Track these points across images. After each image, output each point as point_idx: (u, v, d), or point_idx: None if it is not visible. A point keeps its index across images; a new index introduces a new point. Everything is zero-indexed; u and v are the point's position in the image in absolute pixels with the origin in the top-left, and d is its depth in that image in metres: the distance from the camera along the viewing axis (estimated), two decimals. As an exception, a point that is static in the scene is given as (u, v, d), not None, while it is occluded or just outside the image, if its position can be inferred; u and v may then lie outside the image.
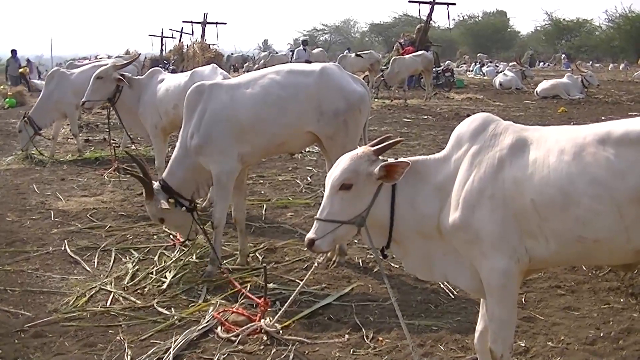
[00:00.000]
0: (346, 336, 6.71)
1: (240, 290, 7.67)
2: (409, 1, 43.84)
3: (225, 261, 8.79)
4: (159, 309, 7.43)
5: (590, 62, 75.14)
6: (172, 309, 7.44)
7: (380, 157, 4.94)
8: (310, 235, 4.89)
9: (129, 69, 19.75)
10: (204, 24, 50.33)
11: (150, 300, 7.69)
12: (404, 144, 17.94)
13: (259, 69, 10.44)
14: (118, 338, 6.76)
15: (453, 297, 7.64)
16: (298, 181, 13.89)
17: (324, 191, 5.01)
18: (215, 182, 8.24)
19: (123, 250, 9.45)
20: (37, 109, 17.22)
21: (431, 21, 45.52)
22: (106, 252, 9.44)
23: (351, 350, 6.43)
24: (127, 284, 8.20)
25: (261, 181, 14.03)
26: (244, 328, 6.70)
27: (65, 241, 9.84)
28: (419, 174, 4.87)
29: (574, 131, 4.63)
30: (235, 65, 63.08)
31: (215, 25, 52.53)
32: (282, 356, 6.29)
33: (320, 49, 58.22)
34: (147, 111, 11.73)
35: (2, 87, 38.29)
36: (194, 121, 8.19)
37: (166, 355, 6.29)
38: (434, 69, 36.45)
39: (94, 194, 13.11)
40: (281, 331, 6.73)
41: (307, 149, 16.29)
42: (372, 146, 5.03)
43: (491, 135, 4.76)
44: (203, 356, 6.37)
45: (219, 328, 6.84)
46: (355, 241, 9.18)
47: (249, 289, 7.85)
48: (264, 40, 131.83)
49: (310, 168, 15.21)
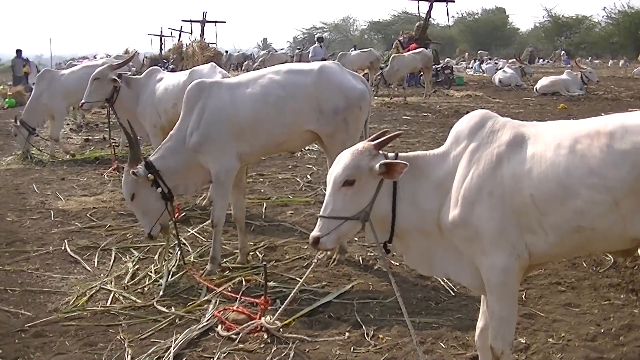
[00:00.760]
0: (347, 334, 6.71)
1: (212, 288, 7.75)
2: (408, -2, 43.87)
3: (225, 259, 8.81)
4: (159, 308, 7.42)
5: (590, 59, 75.18)
6: (173, 308, 7.43)
7: (380, 152, 4.94)
8: (315, 233, 4.89)
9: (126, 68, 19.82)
10: (203, 22, 50.37)
11: (150, 299, 7.68)
12: (403, 141, 17.97)
13: (259, 68, 10.43)
14: (118, 337, 6.76)
15: (453, 294, 7.64)
16: (298, 179, 13.89)
17: (324, 189, 5.02)
18: (214, 181, 8.22)
19: (123, 250, 9.45)
20: (28, 110, 17.24)
21: (430, 19, 45.45)
22: (106, 251, 9.44)
23: (352, 348, 6.42)
24: (127, 283, 8.19)
25: (261, 179, 14.03)
26: (244, 326, 6.68)
27: (65, 241, 9.84)
28: (419, 169, 4.89)
29: (570, 125, 4.65)
30: (235, 64, 63.03)
31: (214, 24, 52.64)
32: (283, 354, 6.28)
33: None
34: (145, 110, 11.74)
35: (1, 87, 38.24)
36: (193, 118, 8.17)
37: (167, 354, 6.28)
38: (433, 66, 36.41)
39: (94, 193, 13.11)
40: (281, 329, 6.73)
41: (307, 147, 16.29)
42: (372, 141, 5.02)
43: (489, 132, 4.76)
44: (203, 355, 6.36)
45: (220, 326, 6.82)
46: (356, 239, 9.18)
47: (245, 287, 7.86)
48: (264, 39, 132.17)
49: (310, 166, 15.21)
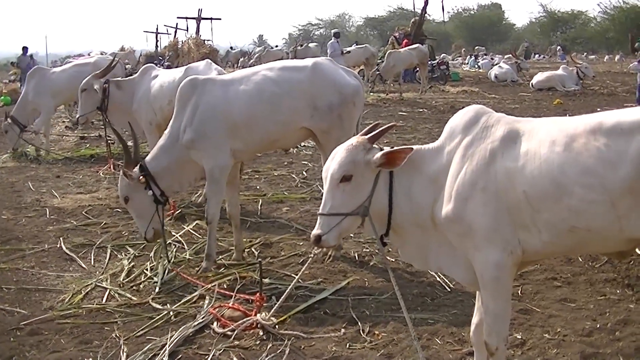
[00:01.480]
0: (342, 330, 6.70)
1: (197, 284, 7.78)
2: (404, -6, 43.84)
3: (221, 256, 8.81)
4: (155, 305, 7.42)
5: (586, 54, 75.15)
6: (168, 305, 7.42)
7: (375, 145, 4.94)
8: (316, 231, 4.89)
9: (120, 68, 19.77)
10: (198, 19, 50.25)
11: (146, 297, 7.68)
12: (399, 137, 17.99)
13: (254, 65, 10.42)
14: (114, 335, 6.75)
15: (449, 290, 7.64)
16: (294, 176, 13.88)
17: (320, 186, 5.02)
18: (208, 178, 8.21)
19: (118, 247, 9.45)
20: (18, 107, 17.26)
21: (426, 14, 45.52)
22: (102, 249, 9.45)
23: (347, 345, 6.42)
24: (123, 280, 8.18)
25: (257, 176, 14.03)
26: (239, 323, 6.68)
27: (61, 238, 9.85)
28: (414, 163, 4.87)
29: (565, 122, 4.63)
30: (232, 62, 62.94)
31: (210, 20, 52.58)
32: (278, 351, 6.27)
33: (315, 43, 58.22)
34: (141, 108, 11.75)
35: (-2, 84, 38.17)
36: (186, 115, 8.16)
37: (162, 351, 6.28)
38: (429, 62, 36.43)
39: (89, 191, 13.11)
40: (277, 326, 6.72)
41: (302, 144, 16.30)
42: (365, 135, 5.02)
43: (483, 128, 4.75)
44: (199, 352, 6.35)
45: (215, 323, 6.82)
46: (351, 235, 9.16)
47: (240, 284, 7.88)
48: (259, 36, 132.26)
49: (306, 162, 15.22)
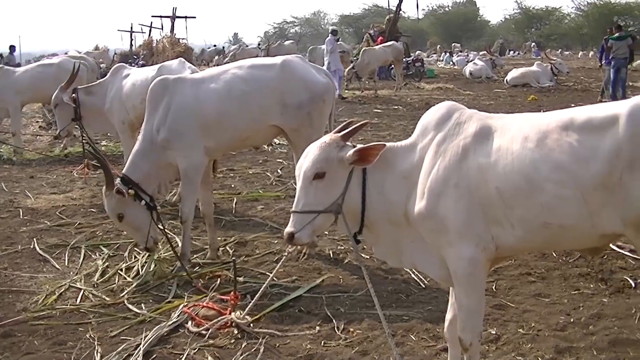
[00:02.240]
0: (317, 328, 6.71)
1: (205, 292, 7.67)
2: (379, -8, 43.92)
3: (195, 255, 8.78)
4: (129, 306, 7.38)
5: (560, 50, 75.59)
6: (143, 305, 7.40)
7: (348, 142, 4.93)
8: (289, 229, 4.87)
9: (89, 64, 19.69)
10: (173, 18, 50.21)
11: (120, 297, 7.64)
12: (374, 134, 18.00)
13: (229, 63, 10.39)
14: (88, 336, 6.71)
15: (424, 286, 7.66)
16: (268, 174, 13.89)
17: (294, 184, 5.01)
18: (182, 177, 8.19)
19: (93, 247, 9.38)
20: None
21: (400, 12, 45.62)
22: (76, 249, 9.37)
23: (322, 342, 6.42)
24: (97, 281, 8.14)
25: (231, 174, 14.02)
26: (214, 322, 6.67)
27: (35, 239, 9.76)
28: (387, 160, 4.86)
29: (537, 118, 4.64)
30: (206, 60, 62.86)
31: (184, 19, 52.51)
32: (253, 349, 6.26)
33: (291, 41, 58.26)
34: (113, 107, 11.76)
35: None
36: (158, 115, 8.13)
37: (136, 351, 6.25)
38: (404, 59, 36.53)
39: (63, 191, 13.02)
40: (252, 324, 6.72)
41: (277, 142, 16.31)
42: (338, 132, 5.01)
43: (455, 124, 4.76)
44: (174, 351, 6.33)
45: (190, 323, 6.80)
46: (326, 233, 9.17)
47: (215, 282, 7.89)
48: (234, 34, 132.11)
49: (281, 161, 15.21)
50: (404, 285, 7.74)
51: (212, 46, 69.54)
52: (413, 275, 7.84)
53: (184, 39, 44.98)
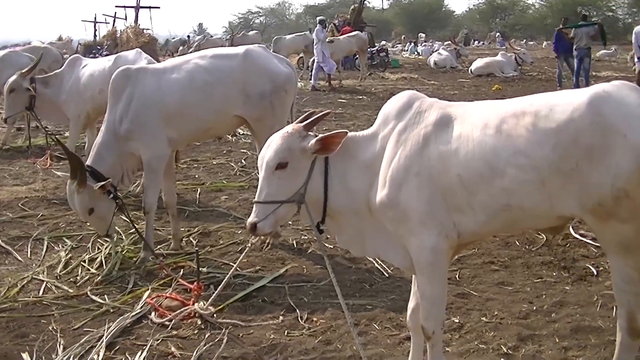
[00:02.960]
0: (280, 318, 6.72)
1: (172, 277, 7.64)
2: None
3: (159, 246, 8.77)
4: (92, 297, 7.34)
5: (525, 40, 75.77)
6: (106, 296, 7.36)
7: (310, 132, 4.94)
8: (252, 219, 4.87)
9: (53, 54, 19.48)
10: (137, 8, 49.79)
11: (83, 289, 7.60)
12: (338, 124, 18.05)
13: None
14: (50, 328, 6.67)
15: (387, 275, 7.69)
16: (232, 164, 13.87)
17: (258, 174, 4.99)
18: (145, 167, 8.16)
19: (56, 239, 9.32)
20: None
21: (365, 2, 45.54)
22: (38, 241, 9.29)
23: (285, 332, 6.44)
24: (60, 272, 8.09)
25: (195, 165, 13.98)
26: (177, 313, 6.66)
27: (-4, 231, 9.67)
28: (349, 149, 4.88)
29: (496, 105, 4.67)
30: (170, 50, 62.55)
31: (148, 9, 52.10)
32: (216, 340, 6.26)
33: (256, 31, 58.10)
34: (70, 98, 11.72)
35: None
36: (121, 106, 8.09)
37: (99, 342, 6.22)
38: (368, 49, 36.54)
39: (25, 182, 12.86)
40: (215, 315, 6.71)
41: (241, 132, 16.27)
42: (301, 122, 5.02)
43: (416, 113, 4.77)
44: (137, 342, 6.31)
45: (153, 314, 6.80)
46: (290, 223, 9.17)
47: (181, 273, 7.88)
48: (199, 24, 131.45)
49: (245, 151, 15.16)
50: (367, 274, 7.77)
51: (175, 36, 69.15)
52: (376, 265, 7.86)
53: (148, 29, 44.56)
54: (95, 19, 53.96)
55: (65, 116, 12.06)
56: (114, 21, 50.85)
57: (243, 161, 14.11)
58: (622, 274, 4.40)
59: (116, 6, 50.85)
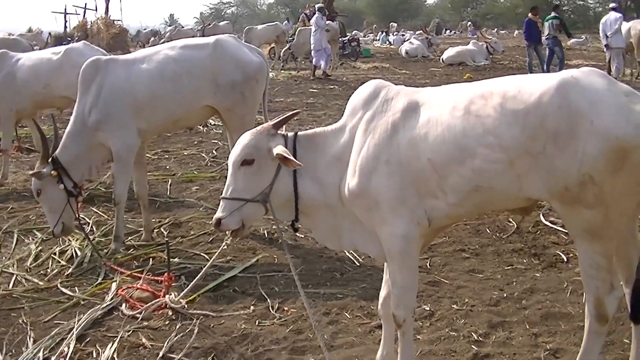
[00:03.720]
0: (251, 307, 6.72)
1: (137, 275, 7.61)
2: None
3: (130, 237, 8.74)
4: (63, 290, 7.30)
5: (496, 29, 75.91)
6: (77, 288, 7.33)
7: (279, 132, 4.94)
8: (217, 214, 4.89)
9: (22, 46, 19.31)
10: (107, -1, 49.59)
11: (54, 281, 7.56)
12: (310, 114, 18.05)
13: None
14: (20, 321, 6.62)
15: (358, 264, 7.70)
16: (203, 155, 13.85)
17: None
18: (115, 158, 8.12)
19: (26, 232, 9.27)
20: None
21: (337, -9, 45.54)
22: (8, 233, 9.24)
23: (257, 322, 6.44)
24: (30, 265, 8.04)
25: (166, 156, 13.95)
26: (148, 305, 6.65)
27: (-34, 224, 9.59)
28: (318, 146, 4.89)
29: (464, 88, 4.69)
30: (142, 41, 62.30)
31: (119, 0, 51.93)
32: (187, 330, 6.24)
33: (227, 22, 58.00)
34: (2, 95, 11.46)
35: None
36: (90, 97, 8.03)
37: (69, 335, 6.19)
38: (340, 39, 36.54)
39: (-6, 175, 12.78)
40: (186, 306, 6.69)
41: (212, 122, 16.24)
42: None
43: (383, 101, 4.78)
44: (107, 334, 6.28)
45: (124, 305, 6.78)
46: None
47: (151, 263, 7.87)
48: (170, 15, 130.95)
49: (216, 141, 15.15)
50: (338, 263, 7.78)
51: (146, 28, 68.80)
52: (347, 254, 7.87)
53: (119, 20, 44.51)
54: (66, 10, 53.46)
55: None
56: (84, 12, 50.54)
57: (214, 152, 14.10)
58: (589, 260, 4.42)
59: (86, -3, 50.57)
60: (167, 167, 12.95)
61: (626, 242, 4.71)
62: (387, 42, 55.75)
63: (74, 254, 8.24)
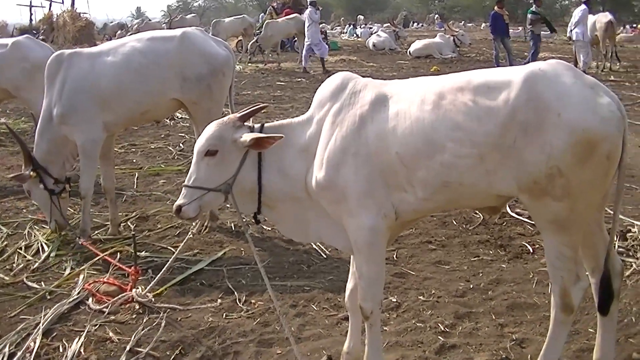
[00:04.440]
0: (219, 300, 6.72)
1: (108, 260, 7.60)
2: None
3: (96, 231, 8.69)
4: (29, 284, 7.26)
5: (463, 22, 76.11)
6: (43, 283, 7.28)
7: (245, 124, 4.93)
8: (178, 201, 4.88)
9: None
10: (74, -9, 49.22)
11: (19, 276, 7.50)
12: (277, 106, 18.03)
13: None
14: (-15, 317, 6.58)
15: (325, 257, 7.73)
16: (170, 148, 13.80)
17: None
18: (80, 152, 8.09)
19: (-10, 227, 9.18)
20: None
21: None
22: (-28, 229, 9.14)
23: (224, 315, 6.44)
24: (-5, 260, 7.98)
25: (133, 149, 13.88)
26: (115, 299, 6.62)
27: None
28: (285, 137, 4.87)
29: (434, 81, 4.68)
30: (108, 34, 61.99)
31: (85, -7, 51.59)
32: (154, 324, 6.23)
33: (194, 14, 57.82)
34: None
35: None
36: (55, 91, 8.00)
37: (35, 330, 6.14)
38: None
39: (-39, 171, 12.69)
40: (153, 299, 6.68)
41: (179, 116, 16.19)
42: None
43: (351, 93, 4.77)
44: (74, 329, 6.25)
45: (90, 299, 6.74)
46: (227, 205, 9.07)
47: (118, 258, 7.81)
48: (137, 8, 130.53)
49: (183, 135, 15.07)
50: (305, 255, 7.81)
51: (112, 20, 68.45)
52: (314, 246, 7.90)
53: (85, 13, 44.17)
54: (31, 2, 53.11)
55: None
56: (50, 5, 50.16)
57: (181, 145, 14.04)
58: (555, 251, 4.45)
59: (52, -11, 50.18)
60: (134, 160, 12.89)
61: (593, 234, 4.74)
62: (355, 35, 55.76)
63: (39, 248, 8.18)
